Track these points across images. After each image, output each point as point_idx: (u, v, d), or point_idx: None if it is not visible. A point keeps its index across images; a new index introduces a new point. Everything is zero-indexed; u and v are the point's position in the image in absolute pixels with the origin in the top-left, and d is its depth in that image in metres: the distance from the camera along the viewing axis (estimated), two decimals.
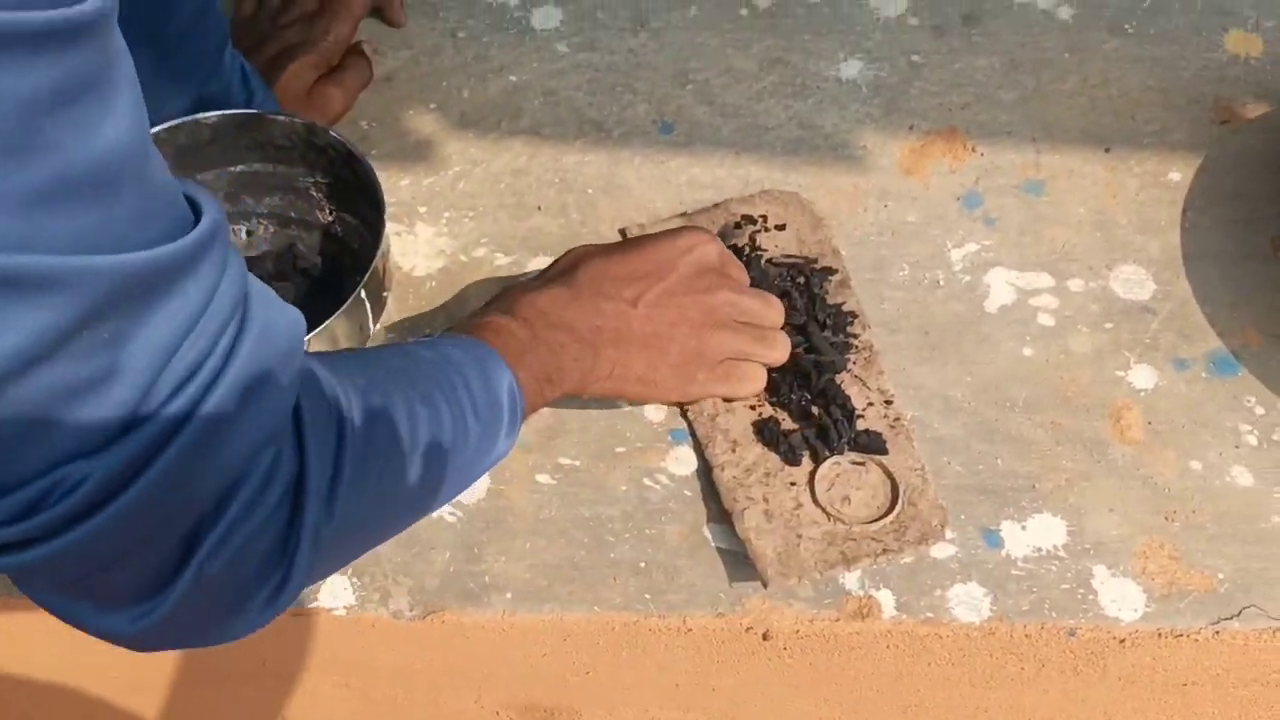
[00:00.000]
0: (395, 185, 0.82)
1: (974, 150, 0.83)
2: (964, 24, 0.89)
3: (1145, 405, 0.73)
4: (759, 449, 0.70)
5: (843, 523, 0.67)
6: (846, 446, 0.69)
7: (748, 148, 0.84)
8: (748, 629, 0.67)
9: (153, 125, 0.73)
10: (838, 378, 0.71)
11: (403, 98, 0.87)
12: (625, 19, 0.90)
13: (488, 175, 0.83)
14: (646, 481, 0.71)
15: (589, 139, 0.84)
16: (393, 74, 0.88)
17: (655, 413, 0.73)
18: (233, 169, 0.77)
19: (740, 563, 0.68)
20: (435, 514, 0.70)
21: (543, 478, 0.71)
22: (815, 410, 0.70)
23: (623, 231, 0.79)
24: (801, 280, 0.74)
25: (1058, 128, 0.84)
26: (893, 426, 0.70)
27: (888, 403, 0.71)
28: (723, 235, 0.75)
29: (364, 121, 0.85)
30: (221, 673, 0.78)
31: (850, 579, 0.68)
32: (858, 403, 0.70)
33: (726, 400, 0.71)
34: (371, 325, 0.72)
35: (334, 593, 0.68)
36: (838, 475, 0.69)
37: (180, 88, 0.72)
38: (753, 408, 0.71)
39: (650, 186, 0.82)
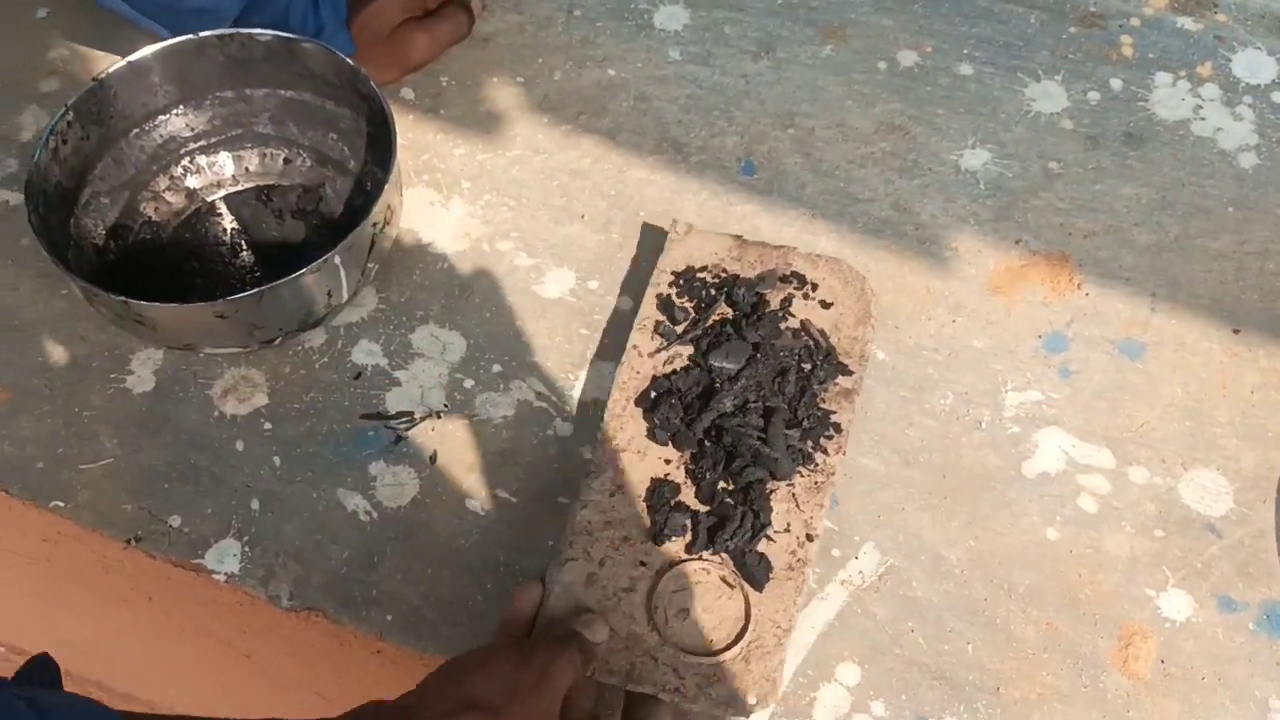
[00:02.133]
0: (449, 152, 0.77)
1: (1079, 287, 0.72)
2: (1123, 142, 0.77)
3: (1166, 640, 0.61)
4: (638, 509, 0.61)
5: (658, 634, 0.57)
6: (729, 557, 0.60)
7: (828, 215, 0.75)
8: None
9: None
10: (771, 484, 0.61)
11: (493, 63, 0.82)
12: (751, 41, 0.82)
13: (545, 168, 0.77)
14: None
15: (663, 158, 0.77)
16: (492, 36, 0.83)
17: None
18: (283, 93, 0.74)
19: None
20: (350, 507, 0.65)
21: (473, 504, 0.65)
22: (726, 500, 0.61)
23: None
24: (807, 367, 0.65)
25: (1186, 289, 0.71)
26: (792, 567, 0.60)
27: (808, 538, 0.61)
28: (762, 279, 0.68)
29: (444, 77, 0.81)
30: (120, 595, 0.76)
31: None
32: (777, 522, 0.61)
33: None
34: (345, 293, 0.67)
35: (220, 556, 0.64)
36: (696, 583, 0.59)
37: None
38: (667, 461, 0.63)
39: (706, 226, 0.74)
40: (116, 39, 0.82)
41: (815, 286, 0.68)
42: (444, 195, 0.76)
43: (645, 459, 0.63)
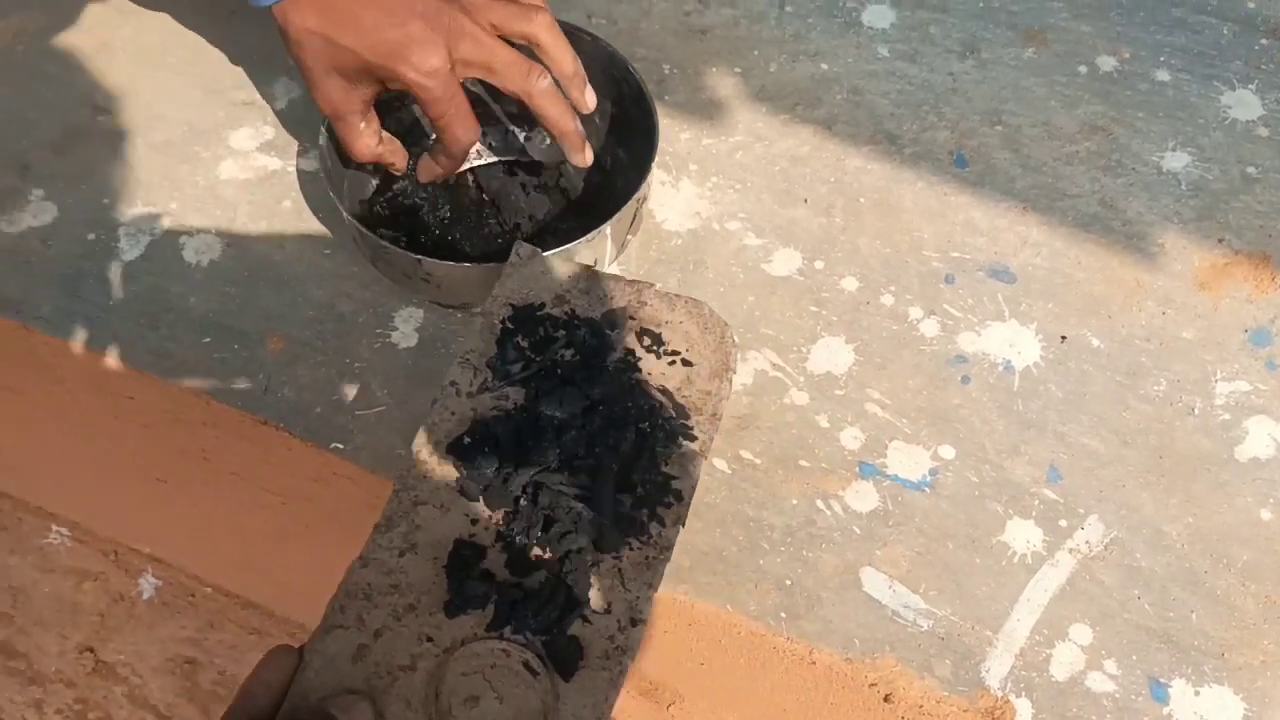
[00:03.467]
0: (675, 136, 0.82)
1: None
2: None
3: None
4: (431, 574, 0.53)
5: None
6: (535, 636, 0.51)
7: (1038, 207, 0.79)
8: (871, 685, 0.64)
9: None
10: (594, 555, 0.54)
11: (712, 53, 0.86)
12: (956, 41, 0.86)
13: (766, 154, 0.82)
14: (819, 504, 0.69)
15: (878, 148, 0.82)
16: (709, 28, 0.87)
17: (851, 440, 0.70)
18: None
19: (887, 620, 0.65)
20: None
21: (720, 463, 0.70)
22: (539, 570, 0.53)
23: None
24: (646, 426, 0.57)
25: None
26: (608, 655, 0.51)
27: (633, 622, 0.52)
28: (611, 320, 0.61)
29: (666, 65, 0.85)
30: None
31: (993, 675, 0.64)
32: (597, 600, 0.52)
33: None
34: (607, 262, 0.72)
35: None
36: (492, 667, 0.49)
37: None
38: (474, 520, 0.54)
39: (923, 215, 0.79)
40: None
41: (665, 344, 0.61)
42: (673, 176, 0.80)
43: (449, 515, 0.54)
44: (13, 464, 1.03)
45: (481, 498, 0.54)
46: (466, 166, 0.80)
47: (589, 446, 0.55)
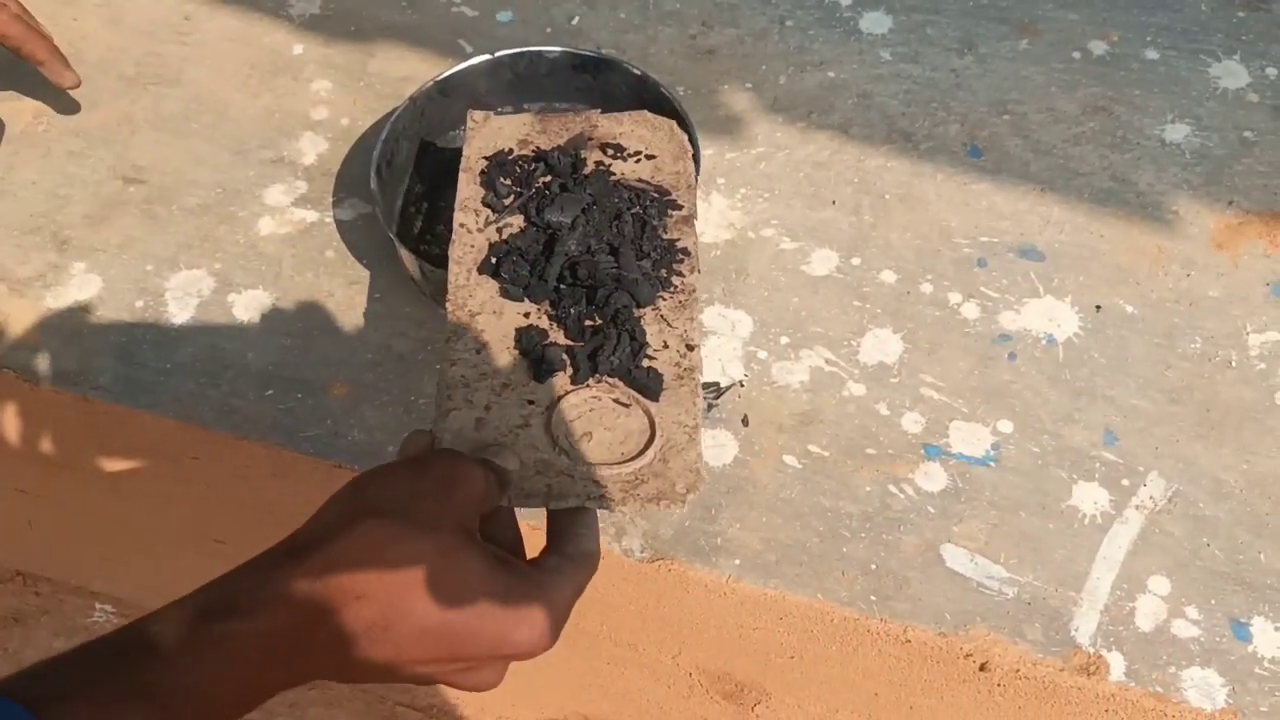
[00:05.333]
0: (699, 153, 0.85)
1: None
2: None
3: None
4: (510, 358, 0.58)
5: (567, 457, 0.54)
6: (618, 378, 0.57)
7: (1055, 188, 0.82)
8: (967, 655, 0.66)
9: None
10: (638, 311, 0.60)
11: (722, 72, 0.89)
12: (953, 39, 0.90)
13: (789, 161, 0.84)
14: (891, 488, 0.71)
15: (895, 146, 0.85)
16: (716, 49, 0.90)
17: (913, 424, 0.73)
18: (558, 105, 0.81)
19: (973, 592, 0.67)
20: None
21: (790, 459, 0.72)
22: (596, 327, 0.59)
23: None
24: (638, 210, 0.64)
25: None
26: (681, 377, 0.58)
27: (689, 348, 0.59)
28: (573, 145, 0.68)
29: (681, 87, 0.88)
30: None
31: (1083, 633, 0.66)
32: (653, 341, 0.59)
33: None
34: None
35: None
36: (591, 410, 0.56)
37: None
38: (526, 314, 0.60)
39: (948, 205, 0.82)
40: (366, 72, 0.89)
41: (622, 149, 0.68)
42: (704, 190, 0.83)
43: (503, 317, 0.60)
44: (53, 546, 1.03)
45: (525, 296, 0.61)
46: None
47: (598, 236, 0.62)
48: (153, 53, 0.91)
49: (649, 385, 0.57)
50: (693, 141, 0.74)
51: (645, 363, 0.58)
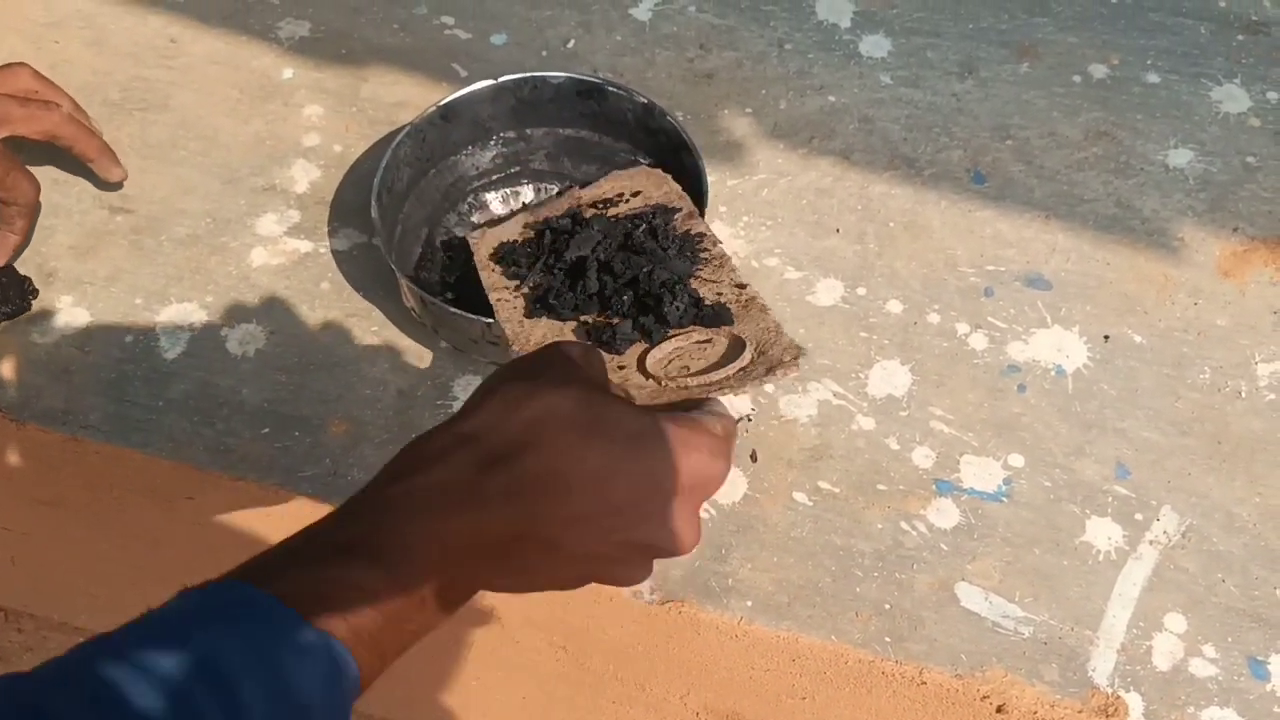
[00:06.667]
0: None
1: None
2: None
3: None
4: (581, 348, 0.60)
5: (677, 384, 0.55)
6: (687, 321, 0.59)
7: (1059, 215, 0.82)
8: (983, 697, 0.65)
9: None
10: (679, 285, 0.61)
11: (721, 97, 0.88)
12: (954, 63, 0.89)
13: (791, 188, 0.83)
14: (904, 525, 0.70)
15: (898, 173, 0.84)
16: (714, 72, 0.89)
17: (923, 459, 0.72)
18: (562, 131, 0.79)
19: (989, 632, 0.66)
20: None
21: (800, 496, 0.71)
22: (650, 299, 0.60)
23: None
24: (644, 225, 0.66)
25: None
26: (745, 305, 0.59)
27: (740, 286, 0.61)
28: (568, 212, 0.70)
29: (679, 112, 0.87)
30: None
31: (1100, 673, 0.65)
32: (707, 295, 0.61)
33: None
34: None
35: None
36: (679, 352, 0.57)
37: None
38: (584, 322, 0.62)
39: (952, 233, 0.81)
40: (359, 97, 0.87)
41: (621, 195, 0.71)
42: (706, 219, 0.81)
43: (564, 333, 0.63)
44: (37, 582, 1.00)
45: (577, 315, 0.62)
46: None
47: (619, 254, 0.64)
48: (138, 77, 0.88)
49: (720, 315, 0.59)
50: (700, 172, 0.73)
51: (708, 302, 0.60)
